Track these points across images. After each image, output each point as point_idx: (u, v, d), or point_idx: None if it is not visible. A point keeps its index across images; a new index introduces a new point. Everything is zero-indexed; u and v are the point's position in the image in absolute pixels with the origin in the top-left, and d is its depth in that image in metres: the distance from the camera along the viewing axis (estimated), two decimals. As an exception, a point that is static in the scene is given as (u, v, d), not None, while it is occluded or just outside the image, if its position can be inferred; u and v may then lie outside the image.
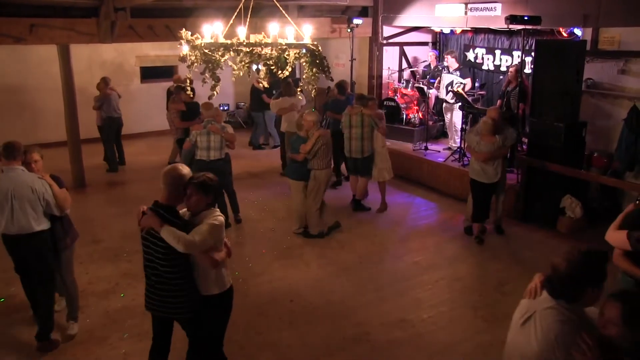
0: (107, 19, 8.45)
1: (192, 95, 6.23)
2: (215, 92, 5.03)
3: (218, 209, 3.84)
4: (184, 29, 5.01)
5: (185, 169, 3.82)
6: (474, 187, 7.14)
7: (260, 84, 11.15)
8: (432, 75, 10.69)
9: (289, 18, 5.58)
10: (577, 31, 8.54)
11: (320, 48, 5.24)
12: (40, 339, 4.80)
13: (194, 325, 3.93)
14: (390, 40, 11.55)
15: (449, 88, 9.74)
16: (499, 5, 8.67)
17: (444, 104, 10.30)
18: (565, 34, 8.76)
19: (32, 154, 4.74)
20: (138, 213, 3.67)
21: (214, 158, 7.26)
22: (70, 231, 5.02)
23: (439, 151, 9.91)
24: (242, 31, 4.97)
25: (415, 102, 10.95)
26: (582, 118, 7.61)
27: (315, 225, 7.29)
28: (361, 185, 8.33)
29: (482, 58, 10.70)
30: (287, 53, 5.02)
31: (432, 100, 10.87)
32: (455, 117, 9.82)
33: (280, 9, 5.79)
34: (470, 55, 10.93)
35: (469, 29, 10.20)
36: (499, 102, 9.11)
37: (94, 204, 8.65)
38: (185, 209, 3.81)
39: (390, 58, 11.82)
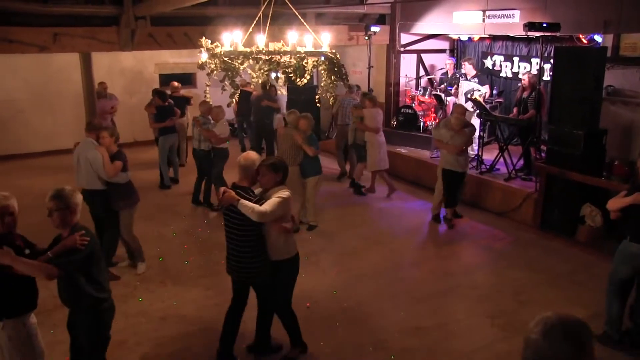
0: (127, 27, 8.60)
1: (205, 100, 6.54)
2: (234, 100, 5.09)
3: (286, 186, 4.42)
4: (203, 37, 5.08)
5: (254, 155, 4.50)
6: (448, 177, 7.69)
7: (252, 86, 11.39)
8: (450, 82, 10.66)
9: (307, 26, 5.62)
10: (597, 37, 8.46)
11: (338, 56, 5.28)
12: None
13: (266, 290, 4.60)
14: (408, 48, 11.57)
15: (468, 96, 9.70)
16: (517, 12, 8.63)
17: (463, 112, 10.25)
18: (585, 41, 8.68)
19: (102, 132, 6.12)
20: (219, 193, 4.35)
21: (203, 148, 8.44)
22: (125, 197, 6.18)
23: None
24: (261, 39, 5.03)
25: (432, 110, 10.92)
26: (602, 125, 7.52)
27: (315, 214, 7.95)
28: (355, 168, 9.57)
29: (500, 65, 10.65)
30: (305, 61, 5.06)
31: (450, 108, 10.82)
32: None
33: (299, 17, 5.84)
34: (488, 63, 10.89)
35: (487, 36, 10.16)
36: (514, 109, 9.05)
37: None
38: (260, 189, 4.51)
39: (407, 65, 11.83)
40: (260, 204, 4.18)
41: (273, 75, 5.15)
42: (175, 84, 10.77)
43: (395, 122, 11.34)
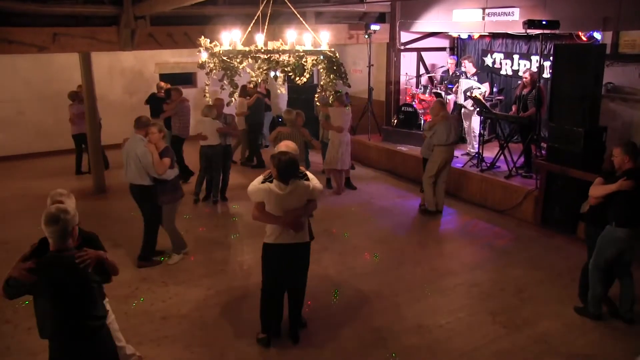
0: (127, 27, 8.60)
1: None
2: (233, 99, 5.09)
3: (277, 180, 4.53)
4: (202, 37, 5.08)
5: (288, 144, 4.85)
6: None
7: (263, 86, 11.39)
8: (450, 80, 10.66)
9: (306, 25, 5.62)
10: (597, 35, 8.46)
11: (337, 54, 5.27)
12: (139, 258, 6.58)
13: None
14: (408, 46, 11.57)
15: (467, 93, 9.70)
16: (516, 10, 8.63)
17: (463, 110, 10.23)
18: (584, 38, 8.68)
19: (150, 128, 6.23)
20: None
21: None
22: (169, 193, 6.36)
23: (457, 157, 9.84)
24: (260, 38, 5.03)
25: (432, 108, 10.92)
26: (602, 122, 7.51)
27: None
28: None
29: (500, 63, 10.65)
30: (304, 60, 5.05)
31: (450, 106, 10.83)
32: (474, 123, 9.78)
33: (298, 16, 5.83)
34: (488, 60, 10.89)
35: (487, 34, 10.16)
36: (513, 107, 9.05)
37: (113, 209, 8.75)
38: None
39: (407, 64, 11.83)
40: None
41: (272, 74, 5.14)
42: (162, 84, 10.76)
43: (395, 121, 11.34)
